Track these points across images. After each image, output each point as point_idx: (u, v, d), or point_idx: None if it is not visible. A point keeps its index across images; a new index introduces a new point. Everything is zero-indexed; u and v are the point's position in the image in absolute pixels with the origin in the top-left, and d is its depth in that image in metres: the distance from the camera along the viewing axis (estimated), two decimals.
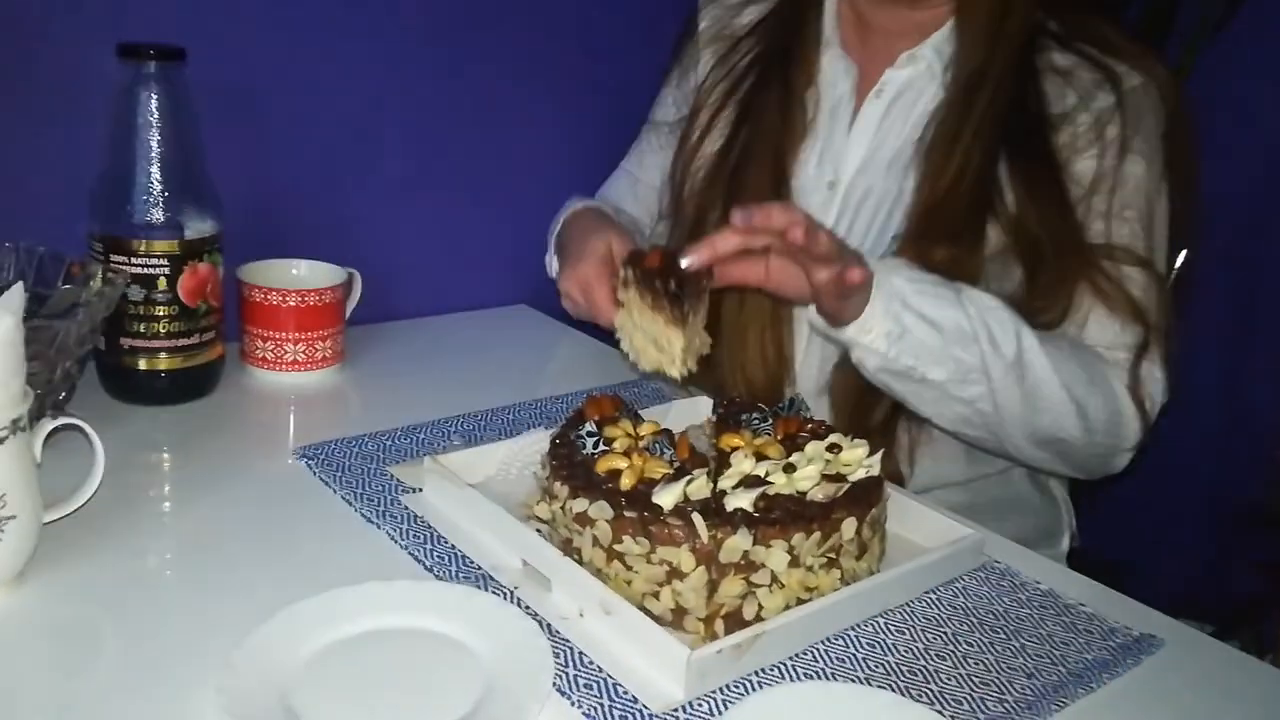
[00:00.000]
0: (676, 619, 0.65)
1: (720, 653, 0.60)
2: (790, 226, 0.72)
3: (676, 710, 0.59)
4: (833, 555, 0.68)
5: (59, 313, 0.75)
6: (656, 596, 0.65)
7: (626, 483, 0.68)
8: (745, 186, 0.99)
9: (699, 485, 0.67)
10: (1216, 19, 1.40)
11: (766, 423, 0.79)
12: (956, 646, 0.67)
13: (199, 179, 0.88)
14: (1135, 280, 0.91)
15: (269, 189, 1.09)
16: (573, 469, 0.71)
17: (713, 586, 0.65)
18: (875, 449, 0.74)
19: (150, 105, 0.84)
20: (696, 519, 0.65)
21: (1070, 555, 1.07)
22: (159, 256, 0.86)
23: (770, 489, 0.68)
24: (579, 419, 0.77)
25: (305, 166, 1.12)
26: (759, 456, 0.72)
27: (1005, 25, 0.92)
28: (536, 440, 0.82)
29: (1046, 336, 0.87)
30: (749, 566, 0.65)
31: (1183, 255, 1.10)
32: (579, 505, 0.68)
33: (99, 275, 0.81)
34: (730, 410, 0.81)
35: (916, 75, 0.97)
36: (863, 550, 0.70)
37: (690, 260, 0.75)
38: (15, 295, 0.59)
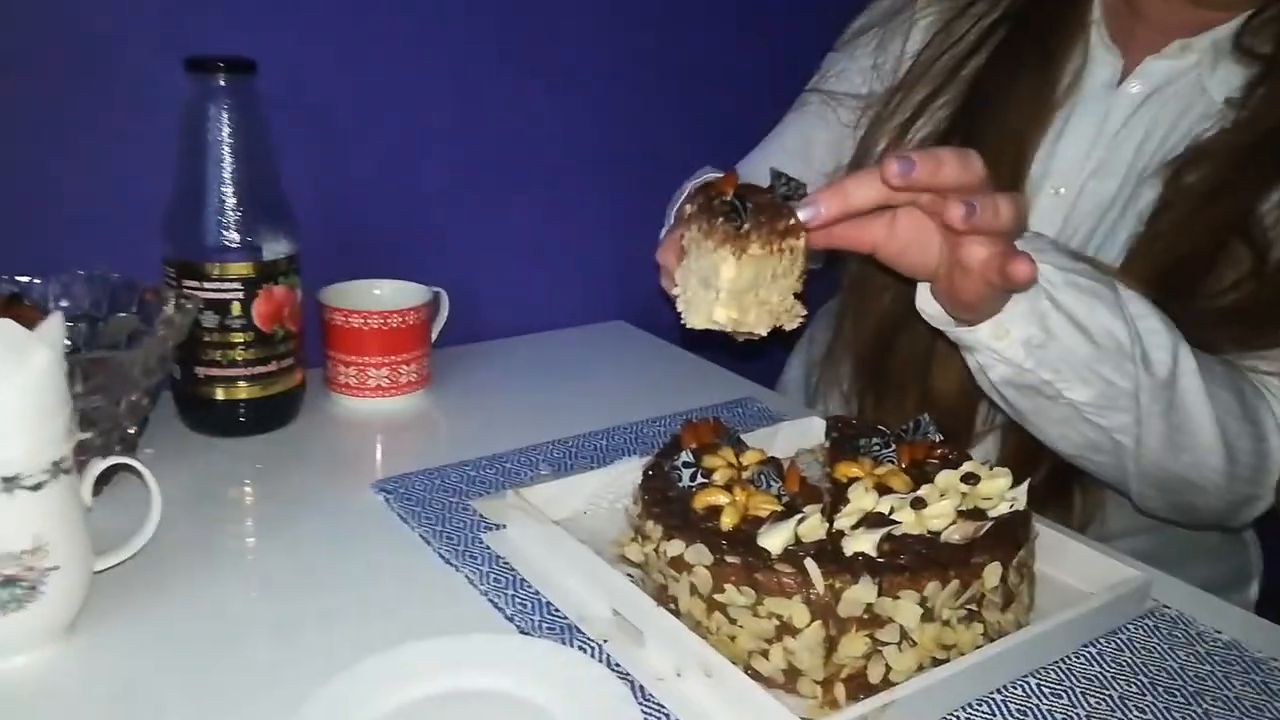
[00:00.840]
0: (789, 682, 0.57)
1: None
2: (965, 184, 0.58)
3: None
4: (973, 607, 0.59)
5: (116, 343, 0.71)
6: (765, 655, 0.58)
7: (728, 522, 0.60)
8: None
9: (812, 525, 0.59)
10: None
11: (889, 449, 0.69)
12: (1126, 713, 0.58)
13: (273, 197, 0.85)
14: None
15: (348, 206, 1.05)
16: (667, 505, 0.63)
17: (831, 644, 0.56)
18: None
19: (220, 121, 0.81)
20: (810, 565, 0.56)
21: (1259, 604, 0.93)
22: (232, 280, 0.82)
23: (896, 529, 0.60)
24: (675, 446, 0.70)
25: (385, 181, 1.08)
26: (882, 489, 0.64)
27: None
28: (629, 470, 0.75)
29: (1201, 357, 0.73)
30: (873, 621, 0.56)
31: None
32: (674, 548, 0.60)
33: (171, 302, 0.78)
34: (846, 433, 0.73)
35: (1182, 71, 0.82)
36: (1009, 600, 0.61)
37: (812, 212, 0.60)
38: (53, 326, 0.54)
